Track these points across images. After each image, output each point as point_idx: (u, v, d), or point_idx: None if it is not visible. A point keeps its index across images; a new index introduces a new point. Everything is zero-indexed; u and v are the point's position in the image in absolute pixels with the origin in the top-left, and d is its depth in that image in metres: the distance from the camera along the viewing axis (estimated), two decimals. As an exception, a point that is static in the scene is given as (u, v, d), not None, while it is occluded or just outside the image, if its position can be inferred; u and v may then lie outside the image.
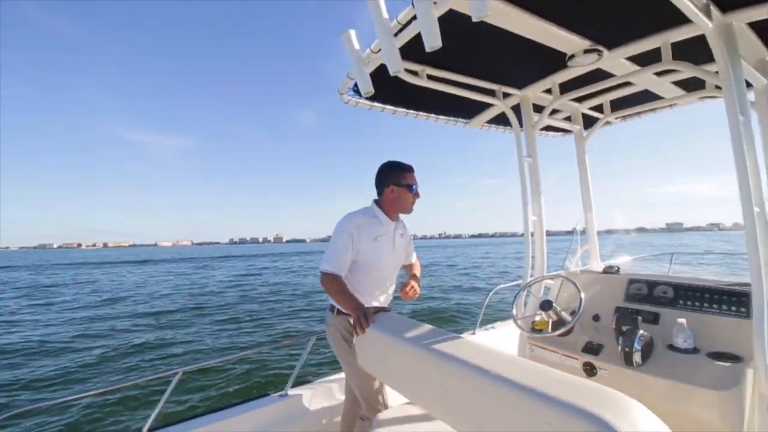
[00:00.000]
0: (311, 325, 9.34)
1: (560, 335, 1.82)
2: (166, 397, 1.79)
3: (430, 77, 1.91)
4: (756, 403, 1.33)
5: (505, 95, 2.28)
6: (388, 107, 2.31)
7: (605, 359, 1.69)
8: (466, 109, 2.52)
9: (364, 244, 1.79)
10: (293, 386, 2.17)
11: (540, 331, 1.93)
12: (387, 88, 2.06)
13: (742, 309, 1.57)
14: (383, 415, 1.75)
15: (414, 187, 1.86)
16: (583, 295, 1.80)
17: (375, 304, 1.86)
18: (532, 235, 2.31)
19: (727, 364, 1.42)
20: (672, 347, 1.59)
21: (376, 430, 1.65)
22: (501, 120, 2.63)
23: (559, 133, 2.93)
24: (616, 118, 2.55)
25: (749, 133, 1.37)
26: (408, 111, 2.42)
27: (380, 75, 1.57)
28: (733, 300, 1.62)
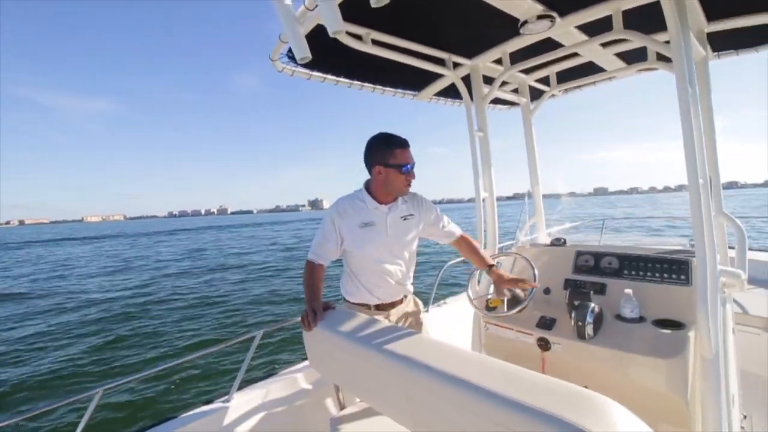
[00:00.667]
0: (259, 318, 8.64)
1: (511, 313, 1.81)
2: (84, 424, 1.52)
3: (375, 43, 1.71)
4: (698, 368, 1.41)
5: (455, 65, 2.15)
6: (330, 77, 2.07)
7: (558, 333, 1.71)
8: (415, 80, 2.36)
9: (348, 231, 1.65)
10: (239, 389, 1.98)
11: (494, 308, 1.92)
12: (327, 55, 1.82)
13: (683, 276, 1.65)
14: (340, 413, 1.64)
15: (406, 166, 1.60)
16: (536, 272, 1.79)
17: (380, 297, 1.73)
18: (484, 210, 2.27)
19: (671, 331, 1.49)
20: (620, 317, 1.64)
21: (335, 428, 1.54)
22: (450, 92, 2.51)
23: (506, 106, 2.89)
24: (561, 91, 2.55)
25: (696, 104, 1.38)
26: (352, 81, 2.20)
27: (318, 38, 1.35)
28: (674, 268, 1.69)
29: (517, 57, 2.05)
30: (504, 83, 2.53)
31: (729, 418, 1.43)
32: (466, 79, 2.21)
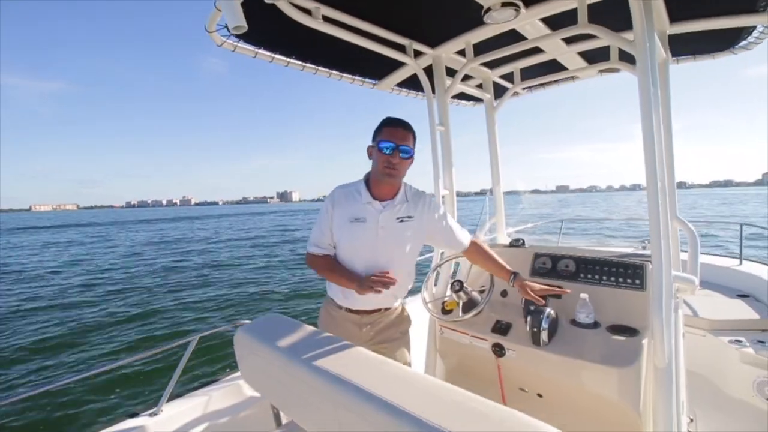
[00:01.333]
0: (191, 325, 7.66)
1: (479, 313, 1.72)
2: None
3: (327, 20, 1.55)
4: (651, 375, 1.37)
5: (417, 54, 2.03)
6: (279, 57, 1.89)
7: (513, 339, 1.64)
8: (375, 68, 2.22)
9: (337, 223, 1.50)
10: (169, 401, 1.77)
11: (450, 311, 1.83)
12: (276, 31, 1.65)
13: (637, 281, 1.63)
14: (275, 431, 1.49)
15: (385, 144, 1.39)
16: (494, 277, 1.71)
17: (352, 303, 1.54)
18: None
19: (625, 338, 1.45)
20: (575, 322, 1.60)
21: None
22: (412, 84, 2.39)
23: (471, 102, 2.82)
24: (524, 89, 2.50)
25: (657, 106, 1.33)
26: (305, 64, 2.03)
27: (262, 8, 1.18)
28: (629, 273, 1.67)
29: (480, 49, 1.96)
30: (468, 77, 2.44)
31: (678, 424, 1.42)
32: (429, 71, 2.10)
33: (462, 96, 2.72)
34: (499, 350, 1.67)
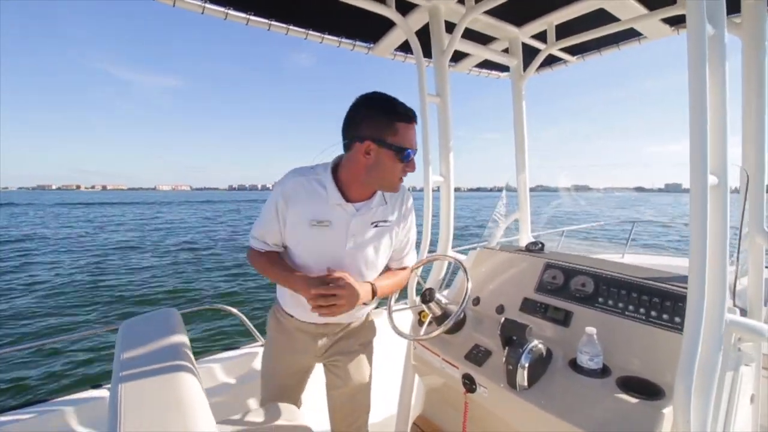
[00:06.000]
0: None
1: (440, 334, 1.35)
2: None
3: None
4: None
5: (409, 6, 1.64)
6: (256, 19, 1.65)
7: (488, 373, 1.24)
8: (368, 30, 1.88)
9: (292, 226, 1.20)
10: None
11: (429, 324, 1.48)
12: None
13: (677, 319, 1.11)
14: None
15: (408, 152, 1.14)
16: (469, 285, 1.32)
17: (305, 318, 1.33)
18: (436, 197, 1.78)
19: (639, 400, 0.98)
20: (575, 364, 1.15)
21: None
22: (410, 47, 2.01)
23: (495, 72, 2.32)
24: (562, 49, 1.95)
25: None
26: (289, 27, 1.77)
27: None
28: (666, 305, 1.15)
29: None
30: (491, 39, 1.98)
31: None
32: (426, 31, 1.70)
33: (486, 65, 2.24)
34: (469, 384, 1.28)
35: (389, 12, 1.56)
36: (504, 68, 2.28)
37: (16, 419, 1.44)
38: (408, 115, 1.15)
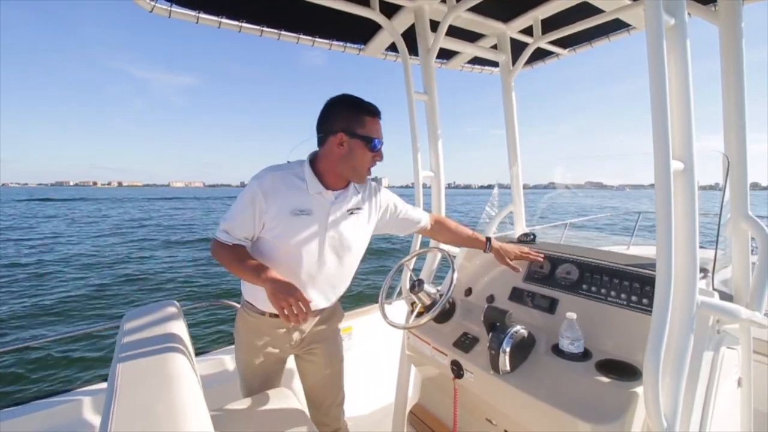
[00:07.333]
0: None
1: (429, 322, 1.38)
2: None
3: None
4: None
5: (394, 8, 1.69)
6: (248, 26, 1.72)
7: (474, 359, 1.28)
8: (357, 32, 1.93)
9: (274, 218, 1.23)
10: None
11: (421, 314, 1.52)
12: None
13: (645, 300, 1.13)
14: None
15: (377, 141, 1.25)
16: (455, 275, 1.36)
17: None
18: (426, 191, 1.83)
19: (614, 380, 1.01)
20: (557, 349, 1.18)
21: None
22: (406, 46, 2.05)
23: (487, 68, 2.35)
24: (550, 42, 1.97)
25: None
26: (281, 32, 1.83)
27: None
28: (646, 289, 1.17)
29: None
30: (480, 36, 2.02)
31: None
32: (412, 32, 1.75)
33: (477, 61, 2.27)
34: (456, 370, 1.33)
35: (374, 15, 1.61)
36: (496, 64, 2.31)
37: (19, 415, 1.46)
38: (372, 110, 1.26)
